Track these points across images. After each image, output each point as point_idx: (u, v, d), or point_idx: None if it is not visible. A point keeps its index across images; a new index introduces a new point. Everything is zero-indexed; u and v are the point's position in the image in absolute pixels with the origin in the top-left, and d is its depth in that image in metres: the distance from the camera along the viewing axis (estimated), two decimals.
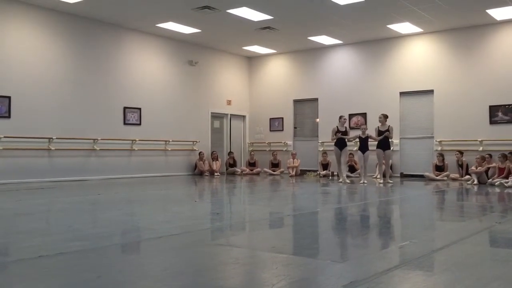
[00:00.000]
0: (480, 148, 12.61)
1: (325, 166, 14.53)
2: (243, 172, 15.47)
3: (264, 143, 16.81)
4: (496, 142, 12.45)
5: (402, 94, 14.17)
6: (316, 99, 15.84)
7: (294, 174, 14.77)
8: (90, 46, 12.48)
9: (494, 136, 12.55)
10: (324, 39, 14.62)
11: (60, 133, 11.66)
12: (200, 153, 14.84)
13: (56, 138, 11.57)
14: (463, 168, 12.63)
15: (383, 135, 11.57)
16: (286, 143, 16.36)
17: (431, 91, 13.67)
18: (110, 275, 3.08)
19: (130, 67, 13.48)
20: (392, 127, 11.87)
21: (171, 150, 14.39)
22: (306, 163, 15.55)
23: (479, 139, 12.72)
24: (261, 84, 17.10)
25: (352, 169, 13.87)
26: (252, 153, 16.22)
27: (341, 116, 12.20)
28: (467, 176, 12.17)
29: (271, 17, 12.19)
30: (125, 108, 13.25)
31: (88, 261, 3.43)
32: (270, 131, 16.81)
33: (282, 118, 16.55)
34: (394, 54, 14.36)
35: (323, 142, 15.32)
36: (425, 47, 13.86)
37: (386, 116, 11.83)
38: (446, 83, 13.41)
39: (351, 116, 14.75)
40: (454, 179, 12.54)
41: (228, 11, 11.67)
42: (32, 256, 3.49)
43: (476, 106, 12.88)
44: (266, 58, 16.92)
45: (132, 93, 13.45)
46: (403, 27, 13.18)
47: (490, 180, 11.36)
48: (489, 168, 11.74)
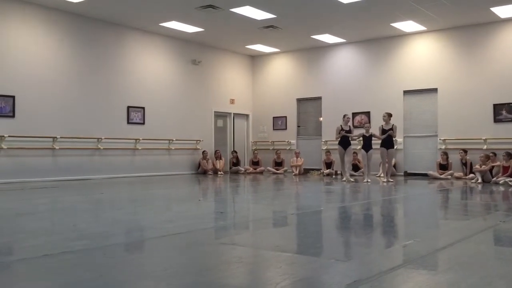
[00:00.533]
0: (484, 147, 12.56)
1: (328, 165, 14.52)
2: (247, 171, 15.48)
3: (268, 142, 16.80)
4: (501, 140, 12.41)
5: (405, 92, 14.13)
6: (319, 98, 15.82)
7: (297, 173, 14.77)
8: (93, 46, 12.51)
9: (498, 135, 12.50)
10: (327, 38, 14.60)
11: (64, 132, 11.70)
12: (203, 152, 14.86)
13: (60, 138, 11.60)
14: (467, 167, 12.59)
15: (386, 134, 11.54)
16: (290, 142, 16.34)
17: (435, 90, 13.63)
18: (113, 274, 3.08)
19: (134, 66, 13.50)
20: (396, 126, 11.82)
21: (175, 149, 14.40)
22: (310, 162, 15.53)
23: (483, 138, 12.67)
24: (264, 83, 17.09)
25: (355, 167, 13.83)
26: (256, 152, 16.22)
27: (344, 115, 12.15)
28: (471, 175, 12.13)
29: (274, 16, 12.18)
30: (128, 107, 13.28)
31: (91, 260, 3.44)
32: (274, 130, 16.80)
33: (286, 117, 16.54)
34: (397, 52, 14.32)
35: (326, 141, 15.29)
36: (428, 46, 13.81)
37: (390, 115, 11.80)
38: (450, 81, 13.37)
39: (354, 114, 14.73)
40: (458, 178, 12.51)
41: (232, 10, 11.67)
42: (36, 255, 3.50)
43: (480, 104, 12.83)
44: (270, 57, 16.91)
45: (135, 92, 13.48)
46: (406, 26, 13.14)
47: (494, 178, 11.33)
48: (493, 166, 11.71)
